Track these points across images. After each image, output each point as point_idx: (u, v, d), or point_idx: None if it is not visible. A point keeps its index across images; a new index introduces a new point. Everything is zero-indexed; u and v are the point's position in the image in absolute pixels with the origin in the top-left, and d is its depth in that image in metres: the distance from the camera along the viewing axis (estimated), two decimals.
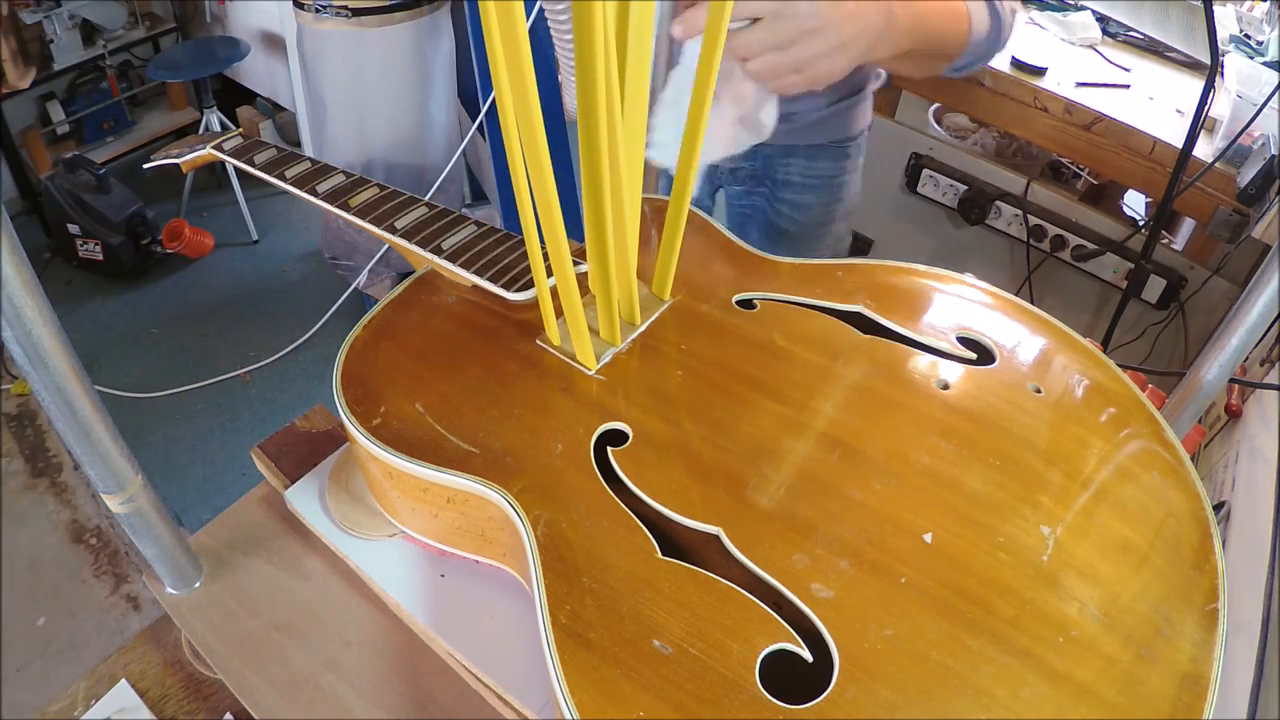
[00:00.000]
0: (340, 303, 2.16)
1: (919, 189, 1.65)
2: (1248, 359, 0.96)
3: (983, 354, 0.54)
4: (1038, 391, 0.51)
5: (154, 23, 2.77)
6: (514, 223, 1.42)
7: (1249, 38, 1.42)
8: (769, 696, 0.37)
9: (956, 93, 1.52)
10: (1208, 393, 0.61)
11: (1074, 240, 1.50)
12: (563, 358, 0.54)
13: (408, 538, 0.56)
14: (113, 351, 2.20)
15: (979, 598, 0.41)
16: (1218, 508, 0.76)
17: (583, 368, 0.53)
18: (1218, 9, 1.43)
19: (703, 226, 0.65)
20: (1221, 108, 1.31)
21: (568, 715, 0.37)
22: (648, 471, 0.47)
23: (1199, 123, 1.17)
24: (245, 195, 2.56)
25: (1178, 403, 0.63)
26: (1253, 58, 1.38)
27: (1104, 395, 0.51)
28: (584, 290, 0.57)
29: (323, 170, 0.68)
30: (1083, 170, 1.63)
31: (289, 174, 0.68)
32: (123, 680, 0.59)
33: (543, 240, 0.49)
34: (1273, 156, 1.16)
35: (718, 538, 0.44)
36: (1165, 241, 1.50)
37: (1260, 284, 0.55)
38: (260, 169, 0.69)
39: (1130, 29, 1.55)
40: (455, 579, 0.54)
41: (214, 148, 0.74)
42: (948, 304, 0.57)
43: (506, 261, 0.58)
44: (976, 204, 1.58)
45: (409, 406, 0.51)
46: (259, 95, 2.86)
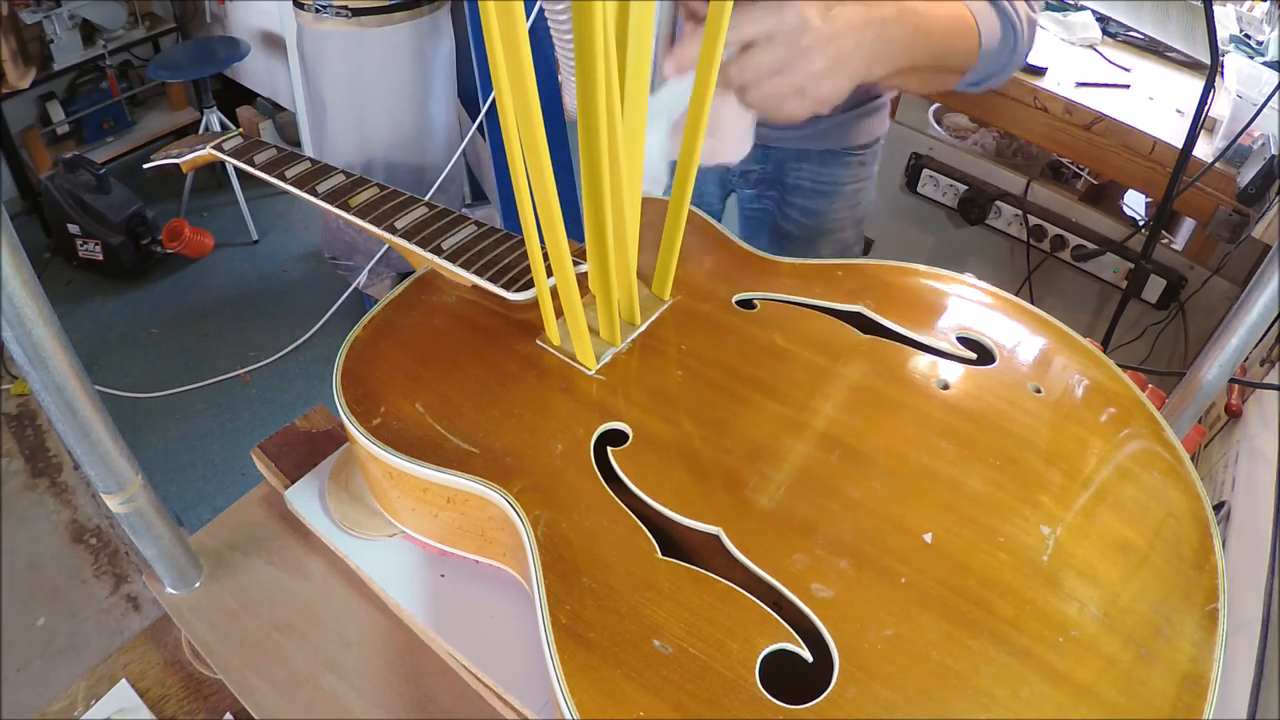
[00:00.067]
0: (340, 303, 2.16)
1: (919, 189, 1.66)
2: (1248, 359, 0.96)
3: (983, 354, 0.54)
4: (1038, 391, 0.51)
5: (154, 23, 2.77)
6: (514, 223, 1.42)
7: (1249, 38, 1.42)
8: (769, 696, 0.37)
9: (956, 93, 1.52)
10: (1208, 393, 0.61)
11: (1074, 240, 1.50)
12: (563, 358, 0.54)
13: (408, 538, 0.56)
14: (113, 351, 2.20)
15: (979, 598, 0.41)
16: (1218, 508, 0.76)
17: (583, 368, 0.53)
18: (1218, 9, 1.44)
19: (702, 226, 0.65)
20: (1221, 108, 1.31)
21: (568, 715, 0.37)
22: (648, 471, 0.47)
23: (1199, 123, 1.17)
24: (245, 195, 2.56)
25: (1178, 403, 0.63)
26: (1253, 58, 1.38)
27: (1104, 395, 0.51)
28: (584, 290, 0.57)
29: (323, 170, 0.68)
30: (1083, 170, 1.63)
31: (289, 174, 0.68)
32: (123, 680, 0.59)
33: (543, 240, 0.49)
34: (1273, 156, 1.16)
35: (718, 538, 0.44)
36: (1165, 241, 1.50)
37: (1260, 284, 0.55)
38: (260, 169, 0.69)
39: (1130, 29, 1.55)
40: (455, 579, 0.54)
41: (214, 148, 0.74)
42: (948, 304, 0.57)
43: (506, 261, 0.58)
44: (976, 204, 1.58)
45: (409, 406, 0.51)
46: (259, 95, 2.86)
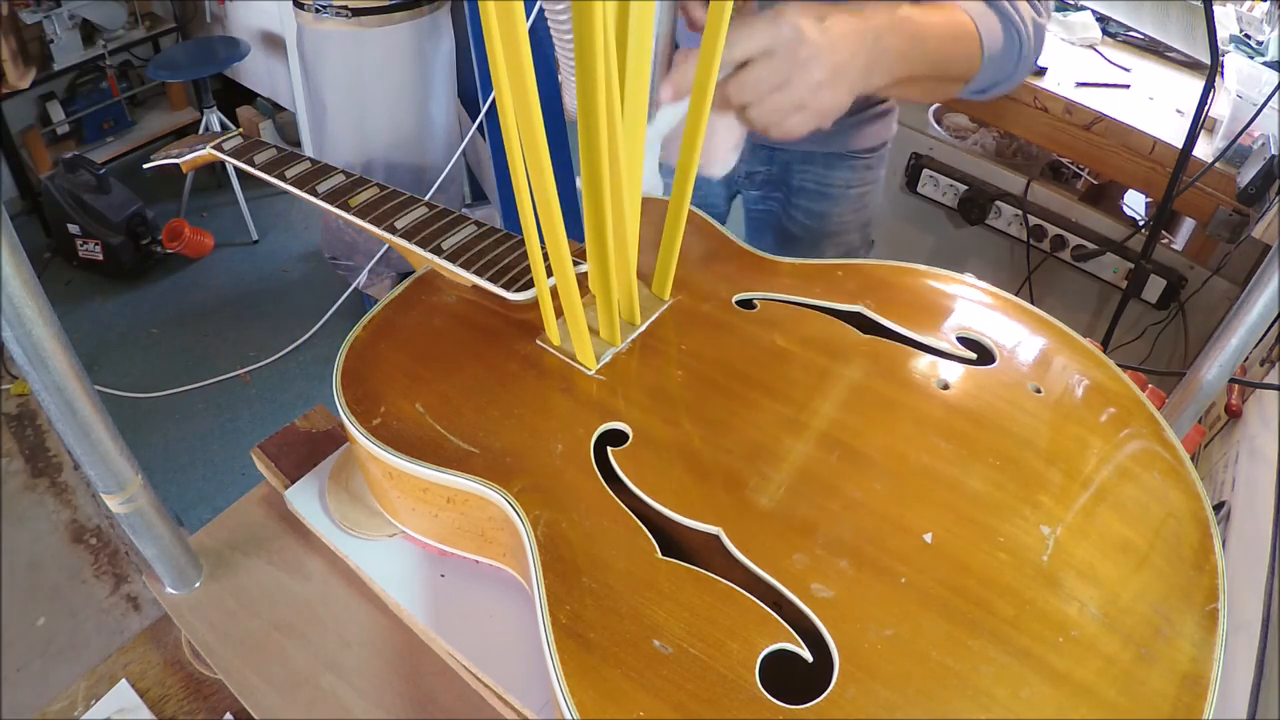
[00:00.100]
0: (340, 303, 2.16)
1: (919, 189, 1.65)
2: (1248, 359, 0.96)
3: (983, 354, 0.54)
4: (1038, 391, 0.51)
5: (154, 23, 2.77)
6: (514, 223, 1.42)
7: (1249, 38, 1.42)
8: (769, 696, 0.37)
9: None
10: (1208, 393, 0.61)
11: (1074, 240, 1.50)
12: (563, 358, 0.54)
13: (408, 538, 0.56)
14: (113, 351, 2.20)
15: (979, 598, 0.41)
16: (1218, 508, 0.76)
17: (583, 368, 0.53)
18: (1218, 9, 1.43)
19: (702, 226, 0.65)
20: (1221, 108, 1.31)
21: (568, 715, 0.37)
22: (648, 471, 0.47)
23: (1199, 123, 1.17)
24: (245, 195, 2.56)
25: (1178, 403, 0.63)
26: (1253, 58, 1.38)
27: (1104, 395, 0.51)
28: (584, 290, 0.57)
29: (323, 170, 0.68)
30: (1083, 170, 1.63)
31: (289, 174, 0.68)
32: (123, 680, 0.59)
33: (543, 240, 0.49)
34: (1273, 156, 1.16)
35: (718, 538, 0.44)
36: (1165, 241, 1.50)
37: (1260, 284, 0.55)
38: (260, 169, 0.69)
39: (1130, 29, 1.55)
40: (455, 579, 0.54)
41: (214, 148, 0.74)
42: (948, 304, 0.57)
43: (506, 261, 0.58)
44: (976, 204, 1.58)
45: (409, 406, 0.51)
46: (259, 95, 2.86)
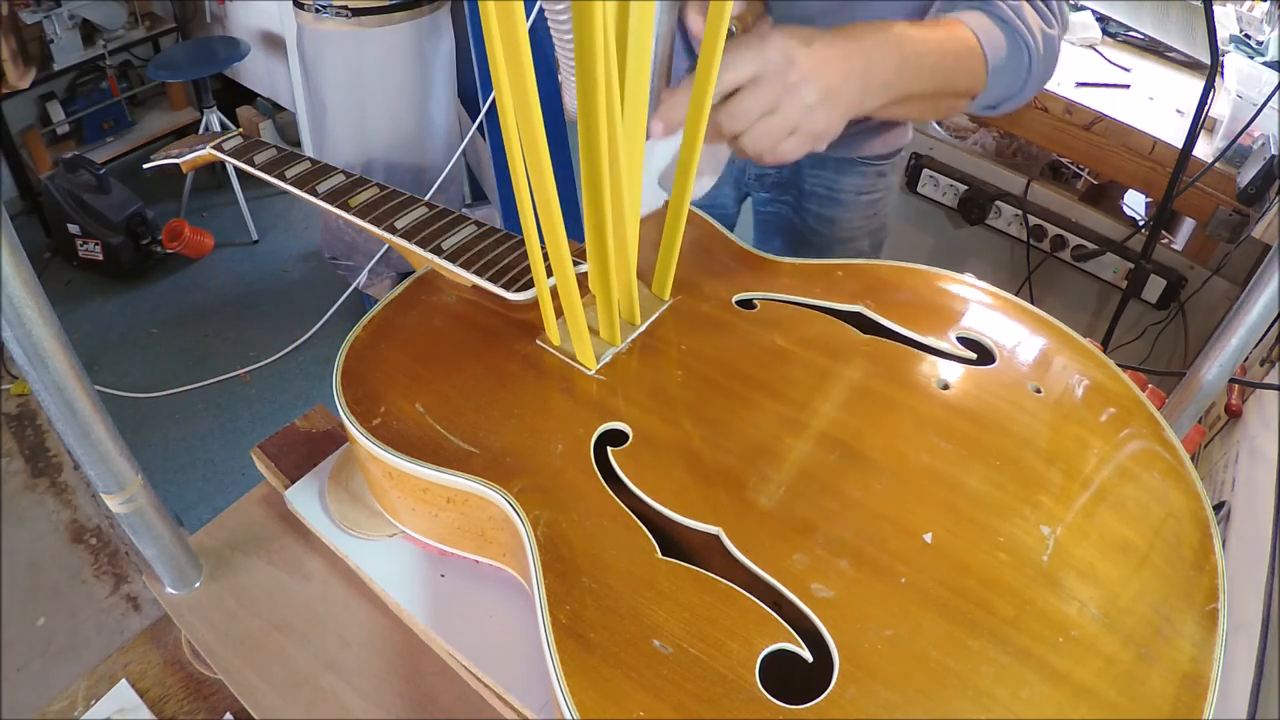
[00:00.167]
0: (340, 303, 2.16)
1: (919, 189, 1.65)
2: (1248, 359, 0.96)
3: (983, 354, 0.54)
4: (1038, 391, 0.51)
5: (154, 23, 2.77)
6: (514, 223, 1.42)
7: (1249, 38, 1.42)
8: (769, 696, 0.37)
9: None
10: (1208, 393, 0.61)
11: (1074, 240, 1.50)
12: (563, 358, 0.54)
13: (408, 538, 0.56)
14: (113, 351, 2.20)
15: (979, 598, 0.41)
16: (1218, 508, 0.76)
17: (583, 368, 0.53)
18: (1218, 9, 1.44)
19: (703, 226, 0.65)
20: (1221, 108, 1.31)
21: (568, 715, 0.37)
22: (648, 471, 0.47)
23: (1199, 123, 1.17)
24: (245, 195, 2.56)
25: (1178, 403, 0.63)
26: (1253, 58, 1.38)
27: (1104, 395, 0.51)
28: (584, 290, 0.57)
29: (323, 170, 0.68)
30: (1083, 170, 1.63)
31: (289, 174, 0.68)
32: (123, 680, 0.59)
33: (543, 240, 0.49)
34: (1273, 156, 1.16)
35: (718, 538, 0.44)
36: (1165, 241, 1.50)
37: (1260, 284, 0.55)
38: (260, 169, 0.69)
39: (1130, 29, 1.55)
40: (455, 579, 0.54)
41: (214, 148, 0.74)
42: (948, 304, 0.57)
43: (506, 261, 0.58)
44: (976, 204, 1.58)
45: (409, 406, 0.51)
46: (259, 95, 2.86)
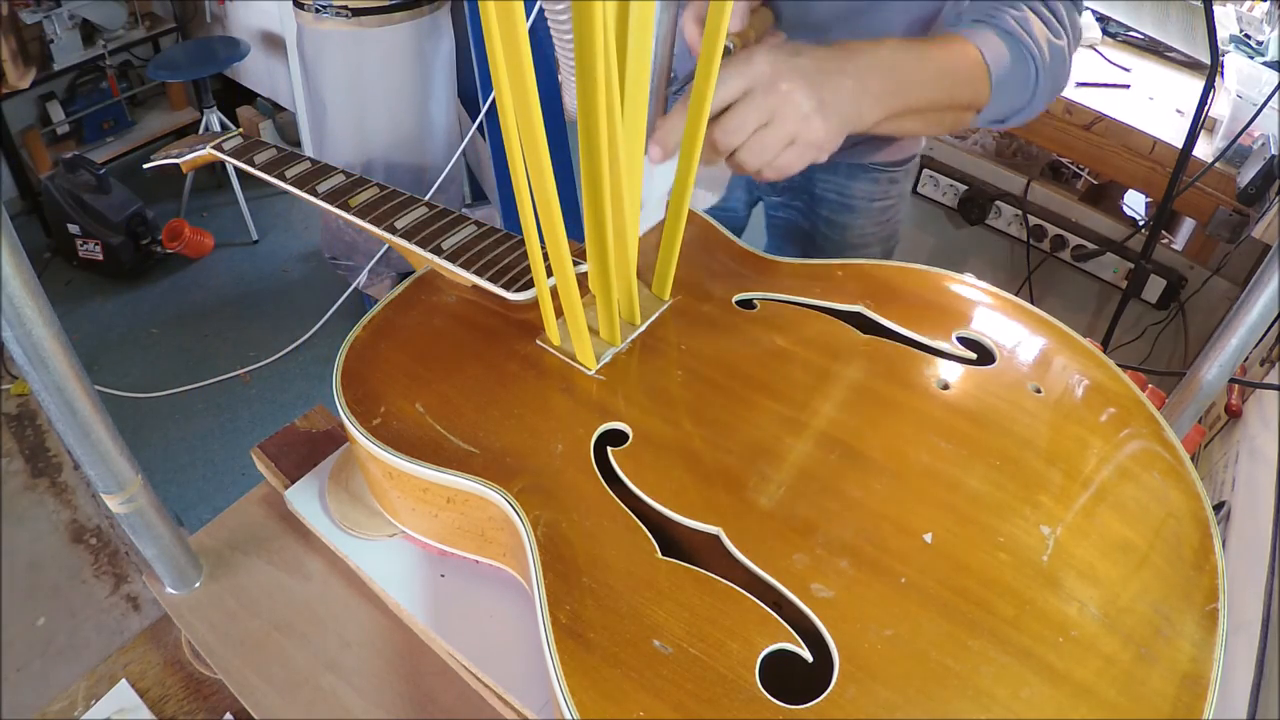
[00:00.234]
0: (340, 303, 2.16)
1: (919, 189, 1.65)
2: (1248, 359, 0.96)
3: (983, 354, 0.54)
4: (1038, 391, 0.51)
5: (154, 23, 2.77)
6: (514, 223, 1.42)
7: (1249, 38, 1.42)
8: (769, 696, 0.37)
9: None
10: (1208, 393, 0.61)
11: (1074, 240, 1.50)
12: (563, 358, 0.54)
13: (408, 538, 0.56)
14: (113, 351, 2.20)
15: (979, 598, 0.41)
16: (1218, 508, 0.76)
17: (583, 368, 0.53)
18: (1218, 9, 1.44)
19: (703, 227, 0.65)
20: (1221, 108, 1.31)
21: (568, 715, 0.37)
22: (648, 471, 0.47)
23: (1199, 123, 1.17)
24: (245, 195, 2.56)
25: (1178, 403, 0.63)
26: (1253, 58, 1.38)
27: (1104, 395, 0.51)
28: (584, 290, 0.57)
29: (323, 170, 0.68)
30: (1083, 170, 1.63)
31: (289, 174, 0.68)
32: (123, 680, 0.59)
33: (543, 240, 0.49)
34: (1273, 156, 1.16)
35: (718, 538, 0.44)
36: (1165, 241, 1.50)
37: (1260, 284, 0.55)
38: (260, 169, 0.69)
39: (1130, 29, 1.55)
40: (455, 579, 0.54)
41: (214, 148, 0.74)
42: (948, 304, 0.57)
43: (506, 261, 0.58)
44: (976, 204, 1.58)
45: (409, 406, 0.51)
46: (259, 95, 2.86)
